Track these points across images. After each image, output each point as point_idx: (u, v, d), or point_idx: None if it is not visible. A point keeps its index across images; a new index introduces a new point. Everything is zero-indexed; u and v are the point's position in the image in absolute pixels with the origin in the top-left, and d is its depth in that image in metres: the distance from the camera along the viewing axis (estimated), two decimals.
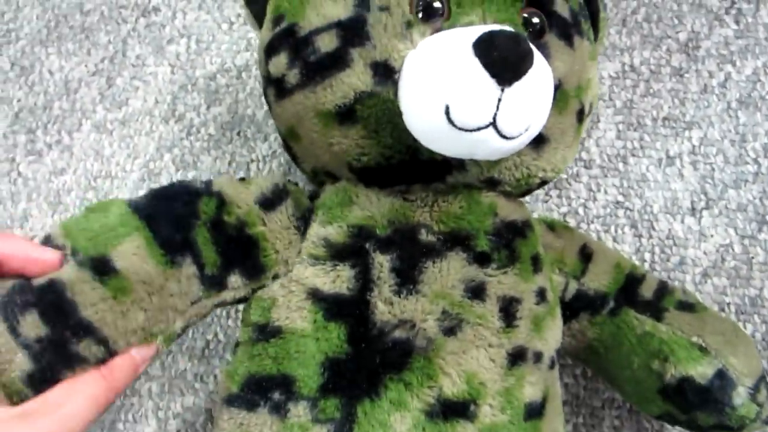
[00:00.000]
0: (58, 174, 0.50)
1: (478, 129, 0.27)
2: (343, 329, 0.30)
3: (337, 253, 0.31)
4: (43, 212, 0.50)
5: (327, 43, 0.30)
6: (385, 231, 0.31)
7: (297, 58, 0.31)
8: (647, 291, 0.36)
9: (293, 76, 0.31)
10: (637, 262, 0.41)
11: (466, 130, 0.27)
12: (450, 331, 0.30)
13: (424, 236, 0.31)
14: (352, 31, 0.30)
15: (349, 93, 0.30)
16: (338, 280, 0.30)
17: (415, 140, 0.29)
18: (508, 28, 0.28)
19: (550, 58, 0.31)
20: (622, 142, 0.48)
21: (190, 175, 0.49)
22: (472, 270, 0.31)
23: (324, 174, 0.34)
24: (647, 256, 0.46)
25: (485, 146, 0.28)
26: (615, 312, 0.35)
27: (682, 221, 0.46)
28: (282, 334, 0.30)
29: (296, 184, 0.35)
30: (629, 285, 0.36)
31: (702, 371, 0.33)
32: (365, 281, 0.30)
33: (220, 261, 0.30)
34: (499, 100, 0.26)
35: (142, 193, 0.52)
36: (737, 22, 0.49)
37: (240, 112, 0.50)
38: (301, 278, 0.31)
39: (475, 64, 0.26)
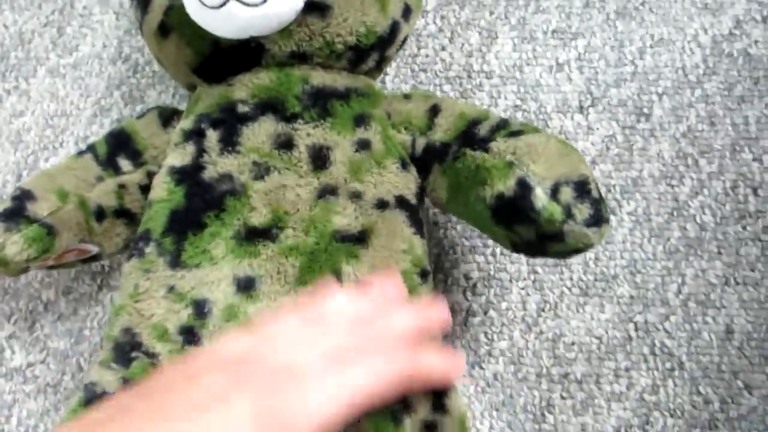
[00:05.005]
0: (18, 116, 0.56)
1: (223, 4, 0.36)
2: (184, 190, 0.38)
3: (186, 137, 0.40)
4: (6, 151, 0.55)
5: None
6: (216, 113, 0.40)
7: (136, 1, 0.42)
8: (484, 129, 0.37)
9: (138, 14, 0.41)
10: None
11: (215, 7, 0.36)
12: (260, 177, 0.38)
13: (241, 108, 0.39)
14: None
15: (160, 9, 0.39)
16: (185, 155, 0.39)
17: (210, 33, 0.37)
18: None
19: None
20: (518, 53, 0.54)
21: (138, 109, 0.55)
22: (280, 127, 0.39)
23: (192, 87, 0.43)
24: None
25: (239, 18, 0.36)
26: (456, 155, 0.37)
27: (572, 118, 0.53)
28: (151, 205, 0.39)
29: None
30: (469, 129, 0.38)
31: (508, 184, 0.33)
32: (200, 152, 0.39)
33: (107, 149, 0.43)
34: None
35: (95, 127, 0.58)
36: None
37: None
38: (166, 162, 0.40)
39: None
